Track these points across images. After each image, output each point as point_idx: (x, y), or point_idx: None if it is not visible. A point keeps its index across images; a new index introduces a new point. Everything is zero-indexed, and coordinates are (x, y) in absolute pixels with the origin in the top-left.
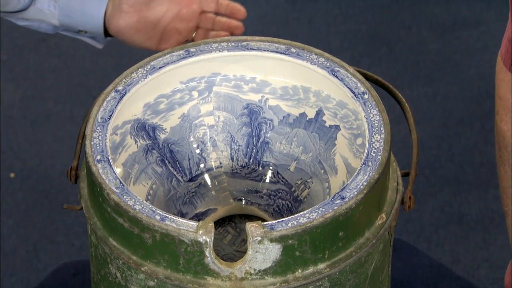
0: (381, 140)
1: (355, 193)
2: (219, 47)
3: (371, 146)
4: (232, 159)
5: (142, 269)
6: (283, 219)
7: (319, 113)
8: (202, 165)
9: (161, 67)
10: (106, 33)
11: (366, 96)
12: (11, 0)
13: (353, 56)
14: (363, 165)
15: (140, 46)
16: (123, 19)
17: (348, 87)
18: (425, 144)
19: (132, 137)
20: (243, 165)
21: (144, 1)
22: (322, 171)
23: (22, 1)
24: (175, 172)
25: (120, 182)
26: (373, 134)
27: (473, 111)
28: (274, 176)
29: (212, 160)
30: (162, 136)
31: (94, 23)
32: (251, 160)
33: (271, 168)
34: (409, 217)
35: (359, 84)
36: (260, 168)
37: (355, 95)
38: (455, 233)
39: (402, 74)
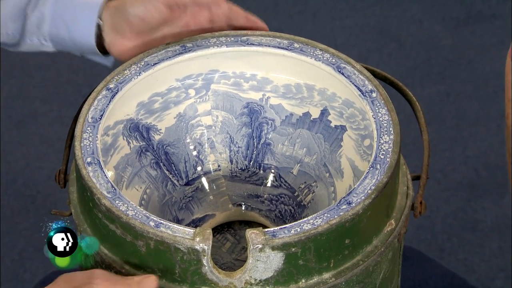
0: (390, 142)
1: (363, 198)
2: (218, 42)
3: (380, 148)
4: (231, 161)
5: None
6: (285, 225)
7: (324, 112)
8: (199, 168)
9: (156, 63)
10: (106, 51)
11: (374, 95)
12: None
13: (360, 52)
14: (371, 168)
15: None
16: (126, 45)
17: (355, 85)
18: (437, 146)
19: (125, 138)
20: (243, 168)
21: (149, 28)
22: (327, 174)
23: (11, 35)
24: (170, 176)
25: (112, 186)
26: (382, 135)
27: (488, 110)
28: (276, 180)
29: (210, 162)
30: (157, 137)
31: (87, 48)
32: (251, 163)
33: (272, 171)
34: (420, 223)
35: (366, 82)
36: (261, 171)
37: (363, 94)
38: (469, 240)
39: (412, 71)
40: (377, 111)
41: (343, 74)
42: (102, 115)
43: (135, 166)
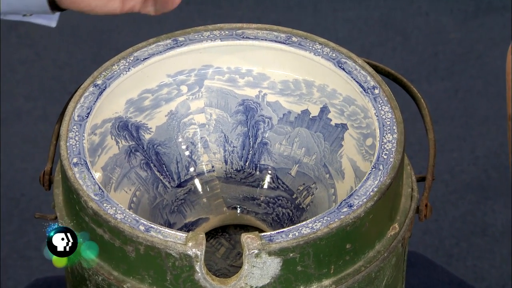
0: (393, 141)
1: (364, 200)
2: (211, 35)
3: (382, 148)
4: (225, 162)
5: (125, 286)
6: (283, 229)
7: (324, 110)
8: (192, 169)
9: (146, 58)
10: (55, 6)
11: (376, 91)
12: None
13: (363, 46)
14: (373, 169)
15: (102, 11)
16: None
17: (356, 81)
18: (444, 146)
19: (113, 137)
20: (238, 169)
21: None
22: (327, 175)
23: None
24: (161, 177)
25: (100, 188)
26: (385, 134)
27: (498, 108)
28: (273, 181)
29: (203, 163)
30: (147, 136)
31: (37, 2)
32: (247, 163)
33: (269, 172)
34: (426, 227)
35: (368, 78)
36: (258, 172)
37: (365, 90)
38: (478, 246)
39: (418, 66)
40: (380, 108)
41: (344, 69)
42: (89, 113)
43: (124, 167)
